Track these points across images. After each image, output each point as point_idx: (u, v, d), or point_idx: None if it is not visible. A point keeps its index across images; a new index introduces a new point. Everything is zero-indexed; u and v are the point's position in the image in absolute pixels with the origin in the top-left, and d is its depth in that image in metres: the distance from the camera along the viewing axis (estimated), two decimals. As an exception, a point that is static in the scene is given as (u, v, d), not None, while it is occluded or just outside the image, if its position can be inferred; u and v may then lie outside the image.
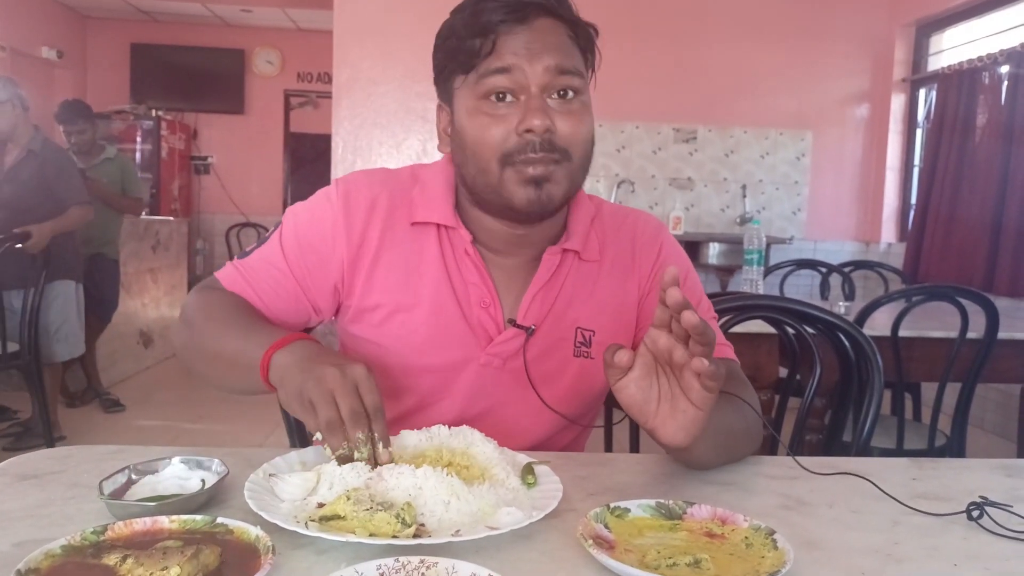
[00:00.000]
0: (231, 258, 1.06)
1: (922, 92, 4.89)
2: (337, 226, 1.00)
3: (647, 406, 0.81)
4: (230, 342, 0.91)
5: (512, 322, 1.01)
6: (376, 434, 0.78)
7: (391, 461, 0.78)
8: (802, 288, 4.46)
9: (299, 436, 1.35)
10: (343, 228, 1.00)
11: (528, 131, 0.90)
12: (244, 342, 0.89)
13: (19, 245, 3.15)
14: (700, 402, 0.79)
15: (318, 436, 0.78)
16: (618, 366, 0.79)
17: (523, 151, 0.91)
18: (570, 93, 0.93)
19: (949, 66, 4.36)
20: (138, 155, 6.75)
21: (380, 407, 0.79)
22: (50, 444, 3.22)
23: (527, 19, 0.91)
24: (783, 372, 2.15)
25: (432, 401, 1.03)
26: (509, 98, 0.92)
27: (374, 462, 0.77)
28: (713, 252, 4.54)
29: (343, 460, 0.77)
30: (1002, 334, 2.23)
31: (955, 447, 2.35)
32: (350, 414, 0.76)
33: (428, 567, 0.61)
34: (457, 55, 0.93)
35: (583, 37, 0.96)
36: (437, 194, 1.01)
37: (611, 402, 1.58)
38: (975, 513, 0.80)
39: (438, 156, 1.05)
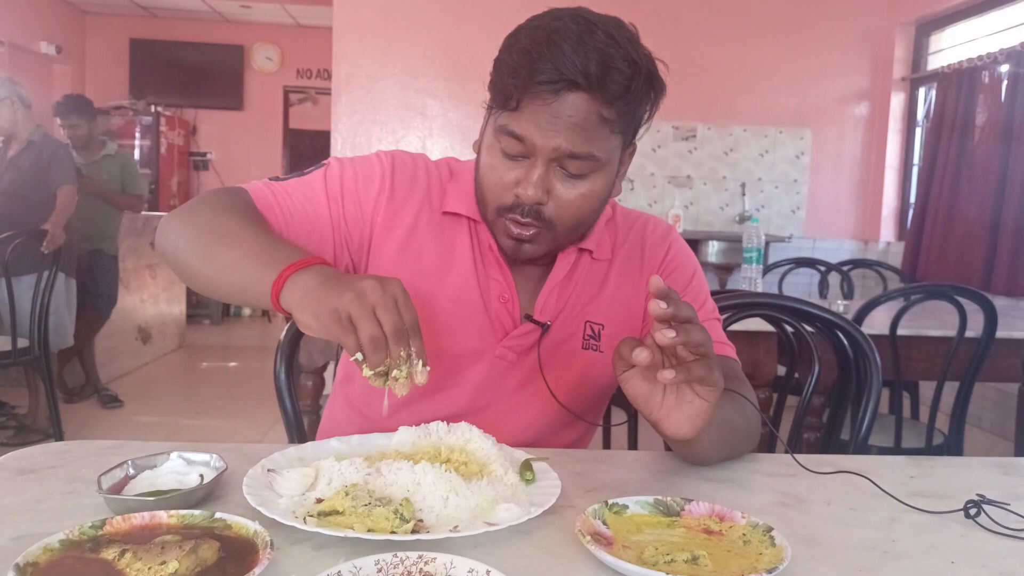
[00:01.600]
0: None
1: (922, 91, 4.89)
2: (384, 185, 1.03)
3: (652, 397, 0.82)
4: (239, 244, 0.86)
5: (528, 317, 1.03)
6: (414, 352, 0.75)
7: (426, 381, 0.76)
8: (801, 286, 4.46)
9: (297, 432, 1.35)
10: (388, 189, 1.02)
11: (519, 194, 0.92)
12: (256, 251, 0.85)
13: (43, 250, 3.23)
14: (706, 393, 0.80)
15: (358, 356, 0.74)
16: (636, 362, 0.78)
17: (513, 210, 0.94)
18: (576, 173, 0.92)
19: (949, 65, 4.36)
20: (137, 151, 6.74)
21: (417, 324, 0.76)
22: (59, 437, 3.24)
23: (560, 92, 0.87)
24: (781, 370, 2.15)
25: (444, 387, 1.04)
26: (520, 158, 0.92)
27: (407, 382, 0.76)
28: (712, 250, 4.54)
29: (379, 377, 0.75)
30: (1000, 333, 2.23)
31: (953, 445, 2.35)
32: (393, 330, 0.73)
33: (426, 562, 0.61)
34: (497, 85, 0.92)
35: (624, 113, 0.90)
36: (469, 190, 1.03)
37: (611, 401, 1.58)
38: (972, 511, 0.80)
39: (437, 153, 1.07)
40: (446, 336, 1.02)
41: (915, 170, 4.91)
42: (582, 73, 0.85)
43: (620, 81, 0.87)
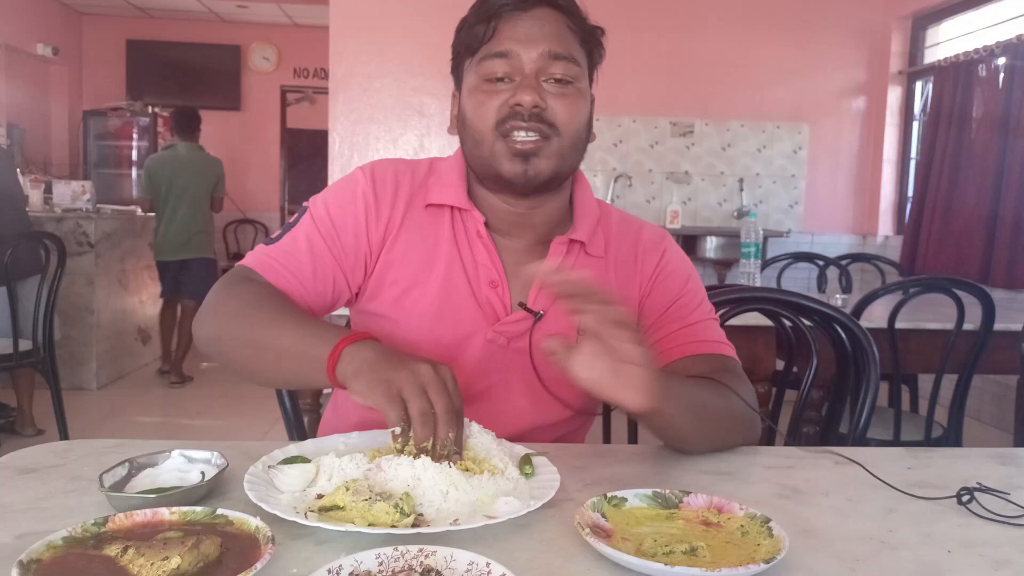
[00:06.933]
0: (228, 255, 1.06)
1: (919, 84, 4.89)
2: (368, 204, 1.05)
3: (601, 380, 0.80)
4: (285, 333, 0.91)
5: (522, 305, 1.04)
6: (453, 437, 0.78)
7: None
8: (799, 281, 4.47)
9: (298, 430, 1.36)
10: (373, 206, 1.05)
11: (518, 105, 0.96)
12: (303, 333, 0.89)
13: None
14: (637, 357, 0.78)
15: (396, 430, 0.77)
16: (548, 347, 0.81)
17: (513, 118, 0.97)
18: (565, 79, 0.98)
19: (946, 58, 4.37)
20: (135, 152, 6.74)
21: (461, 411, 0.80)
22: (64, 436, 3.24)
23: (528, 8, 0.98)
24: (780, 364, 2.15)
25: None
26: (507, 80, 0.98)
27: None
28: (710, 246, 4.55)
29: (420, 454, 0.77)
30: (998, 325, 2.24)
31: (952, 438, 2.35)
32: (445, 411, 0.77)
33: (427, 556, 0.62)
34: (465, 40, 1.01)
35: (585, 30, 1.01)
36: (452, 180, 1.06)
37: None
38: (964, 498, 0.81)
39: (435, 151, 1.08)
40: (437, 325, 1.03)
41: (913, 164, 4.92)
42: None
43: (574, 2, 1.01)
